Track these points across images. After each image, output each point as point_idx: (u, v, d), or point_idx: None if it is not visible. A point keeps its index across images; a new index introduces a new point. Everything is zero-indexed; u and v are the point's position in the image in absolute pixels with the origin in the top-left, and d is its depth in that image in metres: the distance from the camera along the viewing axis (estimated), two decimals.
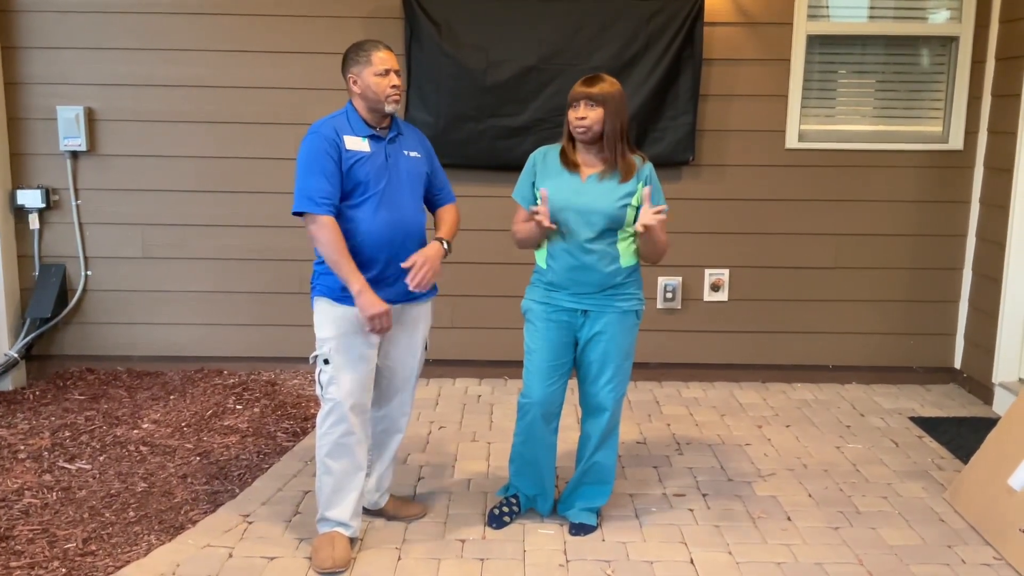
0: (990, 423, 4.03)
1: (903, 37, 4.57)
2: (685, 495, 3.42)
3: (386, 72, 2.78)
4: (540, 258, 3.02)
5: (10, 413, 4.16)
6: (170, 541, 3.00)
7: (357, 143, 2.79)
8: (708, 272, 4.75)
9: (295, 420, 4.13)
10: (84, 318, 4.74)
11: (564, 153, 2.96)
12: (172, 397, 4.38)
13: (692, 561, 2.93)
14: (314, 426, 4.02)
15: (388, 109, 2.82)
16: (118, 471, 3.53)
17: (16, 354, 4.53)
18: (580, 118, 2.85)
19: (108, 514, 3.17)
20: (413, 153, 2.92)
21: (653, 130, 4.52)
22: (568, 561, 2.92)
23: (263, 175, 4.62)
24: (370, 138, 2.82)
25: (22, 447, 3.75)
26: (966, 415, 4.36)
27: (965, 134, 4.60)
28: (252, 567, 2.85)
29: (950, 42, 4.57)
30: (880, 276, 4.76)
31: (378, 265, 2.80)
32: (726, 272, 4.75)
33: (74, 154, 4.59)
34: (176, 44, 4.51)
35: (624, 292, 2.96)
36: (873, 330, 4.81)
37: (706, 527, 3.17)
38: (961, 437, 4.02)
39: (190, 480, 3.47)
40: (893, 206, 4.69)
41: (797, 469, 3.69)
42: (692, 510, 3.30)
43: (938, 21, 4.57)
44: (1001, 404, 4.38)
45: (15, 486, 3.37)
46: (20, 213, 4.62)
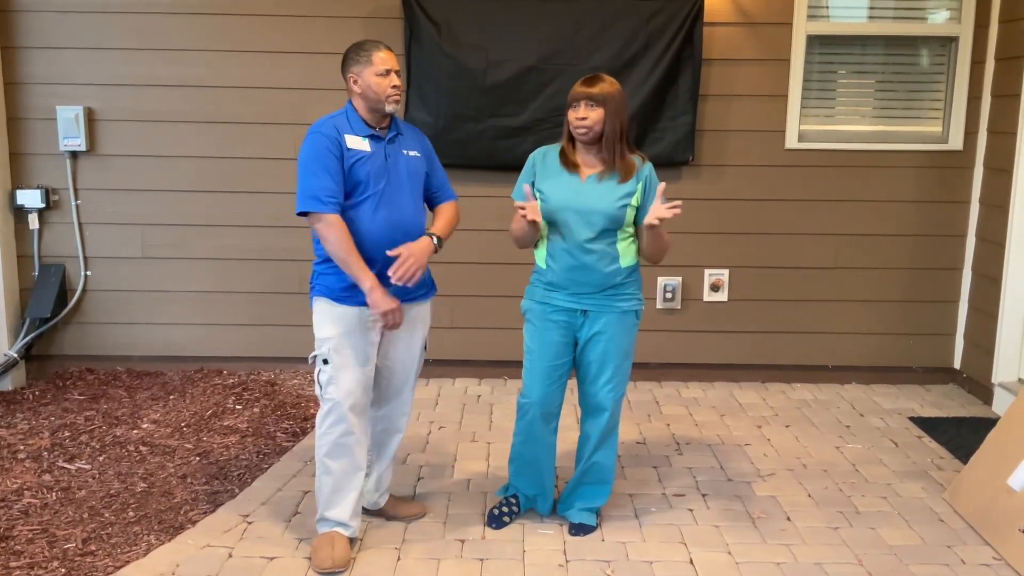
0: (990, 423, 4.03)
1: (903, 37, 4.57)
2: (685, 495, 3.42)
3: (387, 72, 2.79)
4: (540, 258, 3.02)
5: (10, 413, 4.16)
6: (170, 541, 3.00)
7: (358, 142, 2.79)
8: (708, 272, 4.75)
9: (295, 420, 4.13)
10: (84, 318, 4.74)
11: (564, 153, 2.96)
12: (172, 397, 4.38)
13: (692, 561, 2.93)
14: (313, 426, 4.02)
15: (388, 109, 2.82)
16: (118, 471, 3.53)
17: (16, 354, 4.53)
18: (581, 118, 2.85)
19: (108, 514, 3.17)
20: (412, 152, 2.92)
21: (653, 130, 4.52)
22: (568, 561, 2.92)
23: (263, 175, 4.62)
24: (370, 138, 2.82)
25: (22, 447, 3.75)
26: (966, 415, 4.36)
27: (965, 134, 4.60)
28: (252, 567, 2.85)
29: (950, 42, 4.58)
30: (880, 276, 4.76)
31: (377, 265, 2.80)
32: (726, 272, 4.75)
33: (74, 154, 4.59)
34: (176, 44, 4.51)
35: (624, 292, 2.96)
36: (873, 330, 4.81)
37: (706, 527, 3.17)
38: (961, 437, 4.02)
39: (190, 480, 3.47)
40: (893, 206, 4.69)
41: (797, 469, 3.69)
42: (692, 510, 3.30)
43: (938, 21, 4.57)
44: (1001, 404, 4.38)
45: (15, 486, 3.37)
46: (20, 213, 4.62)
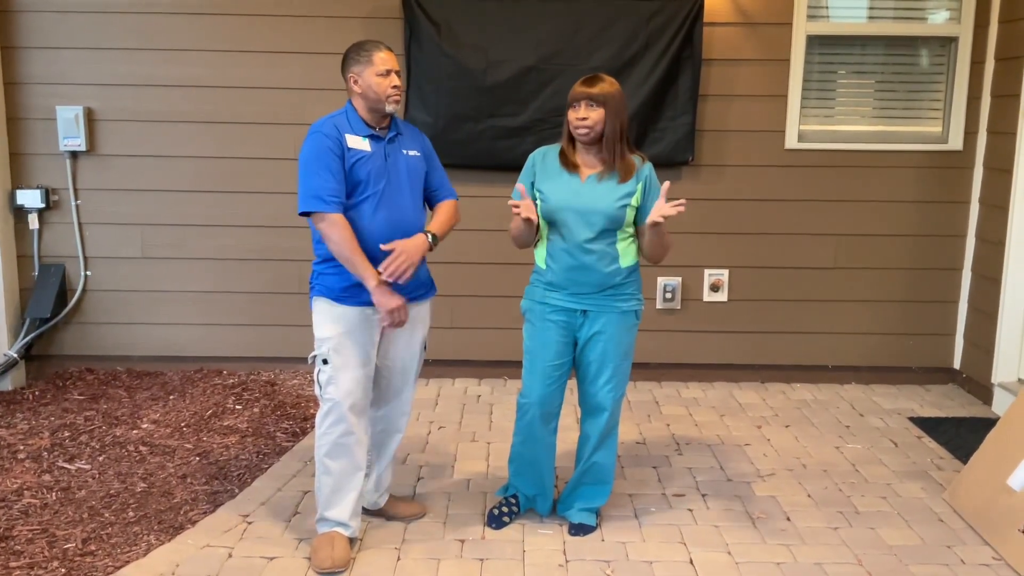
0: (989, 423, 4.04)
1: (903, 37, 4.57)
2: (684, 495, 3.42)
3: (387, 72, 2.79)
4: (539, 258, 3.02)
5: (9, 413, 4.16)
6: (169, 541, 3.00)
7: (358, 142, 2.79)
8: (707, 272, 4.75)
9: (294, 420, 4.12)
10: (83, 318, 4.74)
11: (563, 154, 2.96)
12: (171, 397, 4.38)
13: (691, 561, 2.93)
14: (313, 426, 4.02)
15: (388, 109, 2.82)
16: (117, 471, 3.53)
17: (16, 354, 4.53)
18: (581, 119, 2.85)
19: (107, 514, 3.17)
20: (412, 152, 2.92)
21: (653, 130, 4.52)
22: (567, 561, 2.92)
23: (263, 175, 4.62)
24: (370, 138, 2.82)
25: (21, 447, 3.75)
26: (965, 415, 4.36)
27: (964, 134, 4.60)
28: (251, 567, 2.85)
29: (949, 42, 4.58)
30: (879, 276, 4.76)
31: (377, 264, 2.79)
32: (725, 272, 4.75)
33: (73, 154, 4.59)
34: (176, 44, 4.51)
35: (623, 292, 2.96)
36: (872, 330, 4.81)
37: (705, 527, 3.17)
38: (960, 437, 4.02)
39: (189, 480, 3.47)
40: (892, 206, 4.69)
41: (796, 469, 3.69)
42: (691, 510, 3.30)
43: (937, 21, 4.57)
44: (1000, 404, 4.38)
45: (14, 486, 3.37)
46: (20, 213, 4.62)
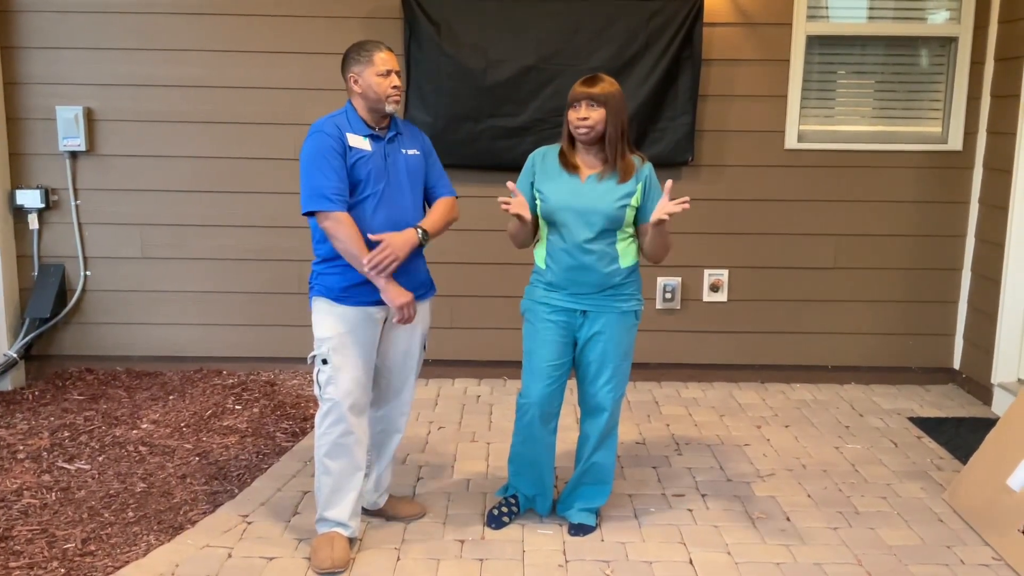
0: (989, 423, 4.04)
1: (902, 38, 4.57)
2: (684, 495, 3.42)
3: (388, 72, 2.79)
4: (539, 258, 3.02)
5: (9, 413, 4.16)
6: (169, 541, 3.00)
7: (359, 141, 2.79)
8: (707, 272, 4.75)
9: (294, 420, 4.12)
10: (83, 318, 4.74)
11: (563, 154, 2.95)
12: (171, 397, 4.37)
13: (691, 561, 2.93)
14: (313, 426, 4.01)
15: (389, 109, 2.82)
16: (117, 471, 3.53)
17: (15, 354, 4.53)
18: (582, 119, 2.85)
19: (107, 514, 3.16)
20: (412, 151, 2.92)
21: (652, 130, 4.51)
22: (567, 561, 2.92)
23: (262, 175, 4.62)
24: (370, 138, 2.82)
25: (21, 447, 3.75)
26: (965, 415, 4.36)
27: (964, 135, 4.60)
28: (251, 567, 2.85)
29: (949, 43, 4.58)
30: (879, 276, 4.76)
31: None
32: (725, 272, 4.75)
33: (73, 154, 4.59)
34: (176, 44, 4.50)
35: (623, 292, 2.96)
36: (872, 330, 4.81)
37: (705, 527, 3.17)
38: (960, 437, 4.02)
39: (189, 480, 3.47)
40: (892, 206, 4.69)
41: (796, 469, 3.69)
42: (691, 510, 3.30)
43: (937, 22, 4.57)
44: (1000, 404, 4.38)
45: (14, 486, 3.37)
46: (19, 213, 4.62)
